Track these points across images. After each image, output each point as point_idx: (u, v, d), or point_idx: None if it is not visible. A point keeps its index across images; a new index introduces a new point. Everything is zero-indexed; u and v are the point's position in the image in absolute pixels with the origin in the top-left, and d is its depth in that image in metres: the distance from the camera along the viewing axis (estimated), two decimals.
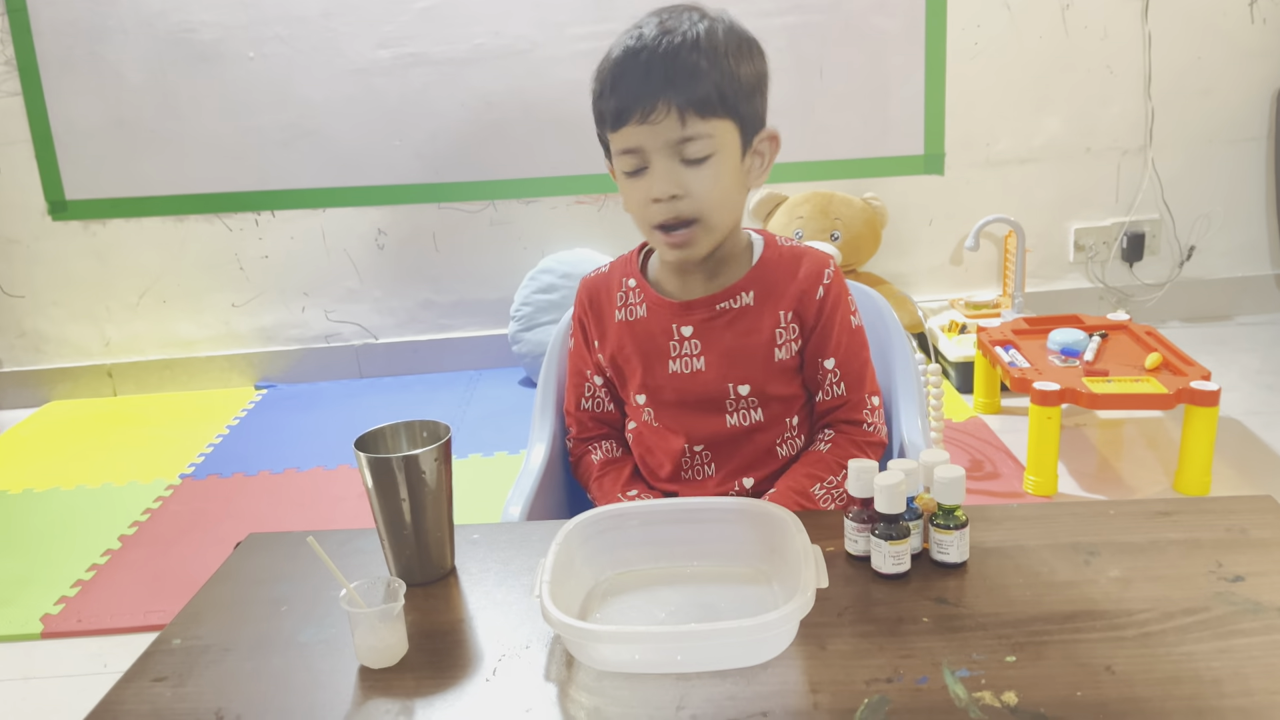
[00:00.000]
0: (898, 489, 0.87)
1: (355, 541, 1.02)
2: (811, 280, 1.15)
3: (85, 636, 1.90)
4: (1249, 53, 2.99)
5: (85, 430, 2.95)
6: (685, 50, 1.04)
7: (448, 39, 2.93)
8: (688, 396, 1.17)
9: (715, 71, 1.05)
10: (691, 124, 1.04)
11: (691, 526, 0.94)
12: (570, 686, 0.78)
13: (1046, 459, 2.15)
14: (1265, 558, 0.89)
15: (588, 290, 1.25)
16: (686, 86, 1.04)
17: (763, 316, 1.15)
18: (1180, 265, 3.16)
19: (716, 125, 1.06)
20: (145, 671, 0.83)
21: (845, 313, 1.17)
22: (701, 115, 1.05)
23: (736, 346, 1.15)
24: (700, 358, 1.16)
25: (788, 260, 1.16)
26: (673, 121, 1.04)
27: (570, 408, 1.28)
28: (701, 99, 1.04)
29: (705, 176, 1.07)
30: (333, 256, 3.10)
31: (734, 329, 1.15)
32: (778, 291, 1.15)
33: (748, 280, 1.15)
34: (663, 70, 1.04)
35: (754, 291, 1.15)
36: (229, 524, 2.28)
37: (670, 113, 1.04)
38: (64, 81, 2.94)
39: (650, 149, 1.06)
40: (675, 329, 1.16)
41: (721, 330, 1.15)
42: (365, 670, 0.81)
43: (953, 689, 0.74)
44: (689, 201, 1.07)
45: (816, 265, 1.16)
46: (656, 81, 1.04)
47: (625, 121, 1.06)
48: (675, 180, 1.06)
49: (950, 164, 3.05)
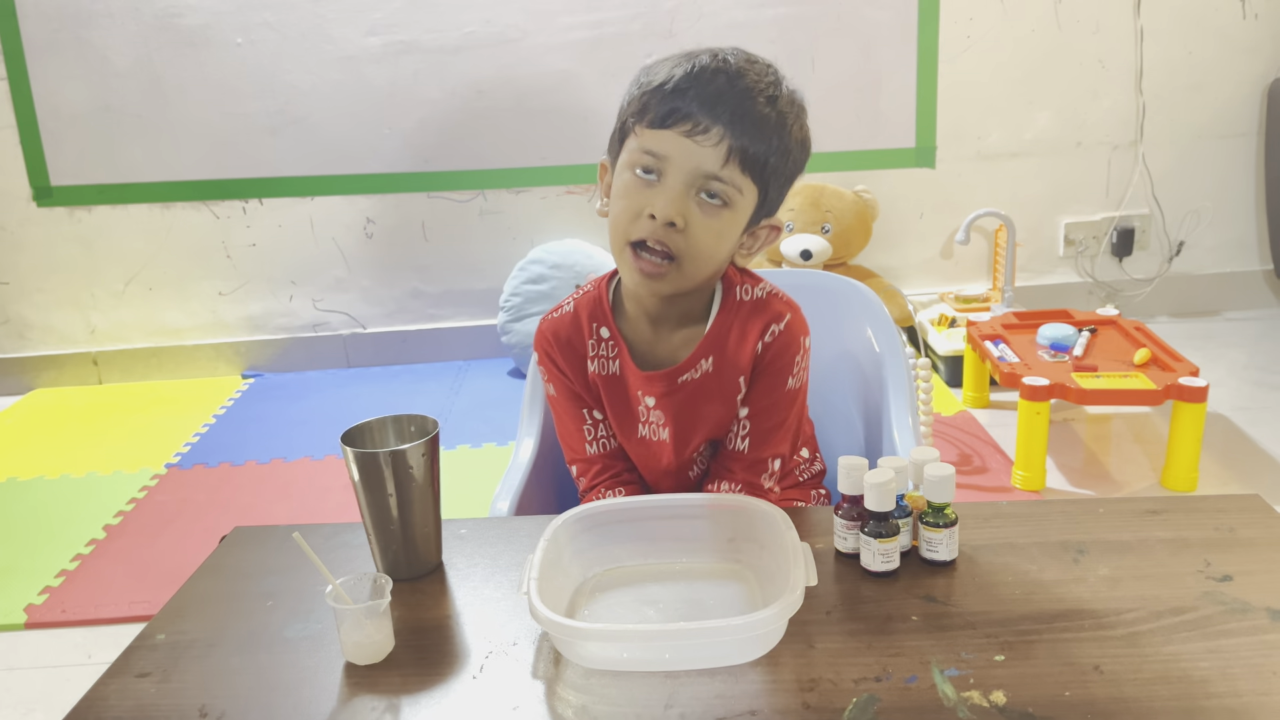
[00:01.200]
0: (887, 487, 0.87)
1: (342, 536, 1.01)
2: (759, 333, 1.07)
3: (69, 627, 1.89)
4: (1240, 48, 2.99)
5: (70, 419, 2.92)
6: (767, 99, 1.00)
7: (438, 27, 2.90)
8: (653, 461, 1.14)
9: (776, 138, 1.00)
10: (729, 169, 0.99)
11: (680, 523, 0.94)
12: (558, 684, 0.77)
13: (1035, 454, 2.15)
14: (1253, 557, 0.89)
15: (555, 336, 1.14)
16: (750, 132, 0.98)
17: (722, 382, 1.08)
18: (1169, 260, 3.17)
19: (746, 184, 1.00)
20: (129, 667, 0.82)
21: (781, 370, 1.08)
22: (742, 167, 0.99)
23: (698, 415, 1.10)
24: (665, 428, 1.11)
25: (745, 317, 1.08)
26: (716, 155, 0.98)
27: (577, 458, 1.17)
28: (753, 152, 0.99)
29: (710, 223, 1.00)
30: (321, 245, 3.08)
31: (694, 398, 1.09)
32: (734, 355, 1.08)
33: (705, 345, 1.08)
34: (740, 103, 0.98)
35: (712, 357, 1.08)
36: (215, 514, 2.27)
37: (720, 145, 0.98)
38: (49, 66, 2.91)
39: (677, 166, 0.98)
40: (641, 396, 1.11)
41: (682, 402, 1.09)
42: (351, 667, 0.81)
43: (941, 688, 0.74)
44: (680, 239, 0.99)
45: (769, 318, 1.08)
46: (728, 108, 0.98)
47: (670, 125, 0.99)
48: (684, 211, 0.99)
49: (941, 157, 3.05)
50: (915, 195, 3.08)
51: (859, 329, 1.35)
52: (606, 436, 1.16)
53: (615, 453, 1.16)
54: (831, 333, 1.35)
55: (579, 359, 1.13)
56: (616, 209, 1.03)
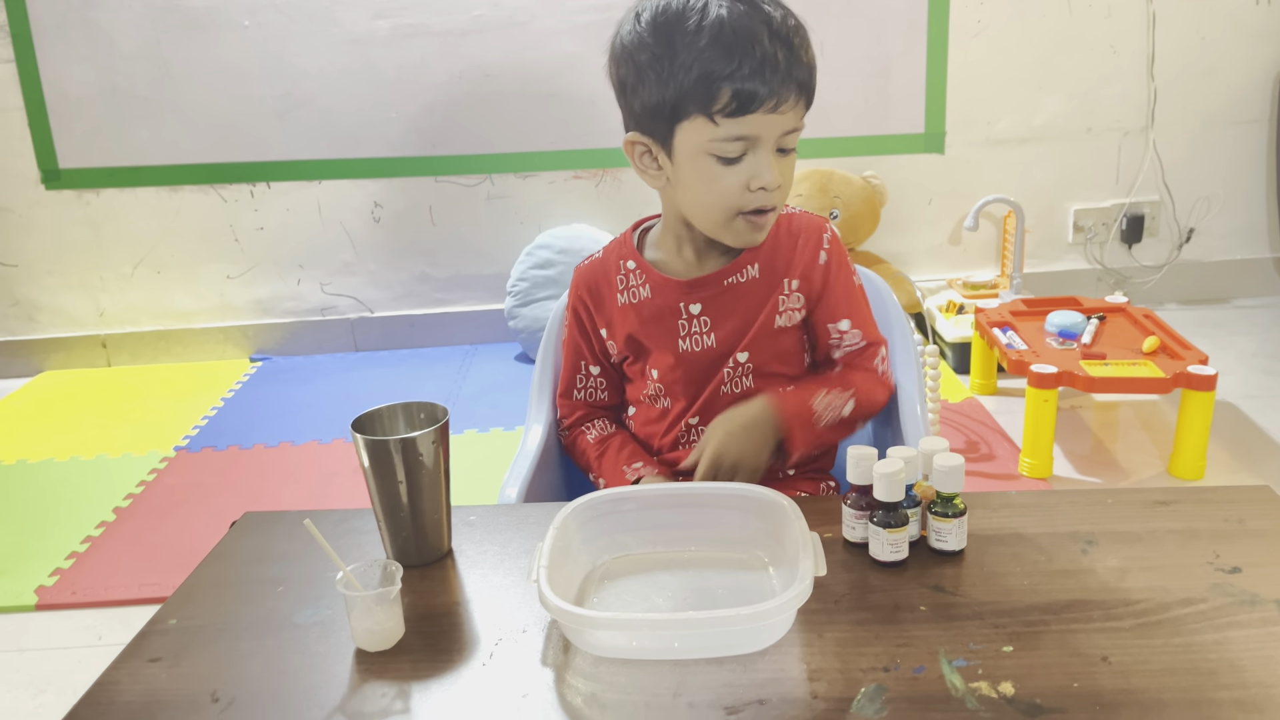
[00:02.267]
0: (897, 477, 0.87)
1: (351, 522, 1.02)
2: (813, 247, 1.15)
3: (79, 609, 1.90)
4: (1253, 34, 2.97)
5: (79, 401, 2.94)
6: (803, 33, 1.04)
7: (446, 10, 2.89)
8: (693, 372, 1.18)
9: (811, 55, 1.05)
10: (802, 116, 1.05)
11: (690, 511, 0.94)
12: (567, 672, 0.78)
13: (1042, 442, 2.15)
14: (1263, 549, 0.89)
15: (584, 279, 1.23)
16: (809, 75, 1.04)
17: (768, 286, 1.15)
18: (1179, 247, 3.16)
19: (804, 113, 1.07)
20: (140, 652, 0.83)
21: (848, 274, 1.18)
22: (809, 105, 1.05)
23: (745, 319, 1.15)
24: (711, 334, 1.16)
25: (783, 228, 1.16)
26: (799, 112, 1.04)
27: (562, 394, 1.28)
28: (812, 89, 1.05)
29: (789, 165, 1.08)
30: (328, 229, 3.08)
31: (742, 302, 1.15)
32: (781, 261, 1.15)
33: (750, 253, 1.15)
34: (791, 55, 1.02)
35: (759, 264, 1.15)
36: (224, 498, 2.28)
37: (799, 104, 1.04)
38: (57, 48, 2.91)
39: (765, 138, 1.03)
40: (684, 308, 1.16)
41: (726, 306, 1.15)
42: (361, 653, 0.81)
43: (949, 679, 0.74)
44: (780, 191, 1.07)
45: (815, 232, 1.16)
46: (788, 67, 1.01)
47: (753, 108, 1.01)
48: (779, 170, 1.06)
49: (951, 143, 3.04)
50: (924, 181, 3.07)
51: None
52: (594, 389, 1.26)
53: (599, 404, 1.27)
54: None
55: (609, 292, 1.20)
56: (711, 193, 1.06)
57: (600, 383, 1.26)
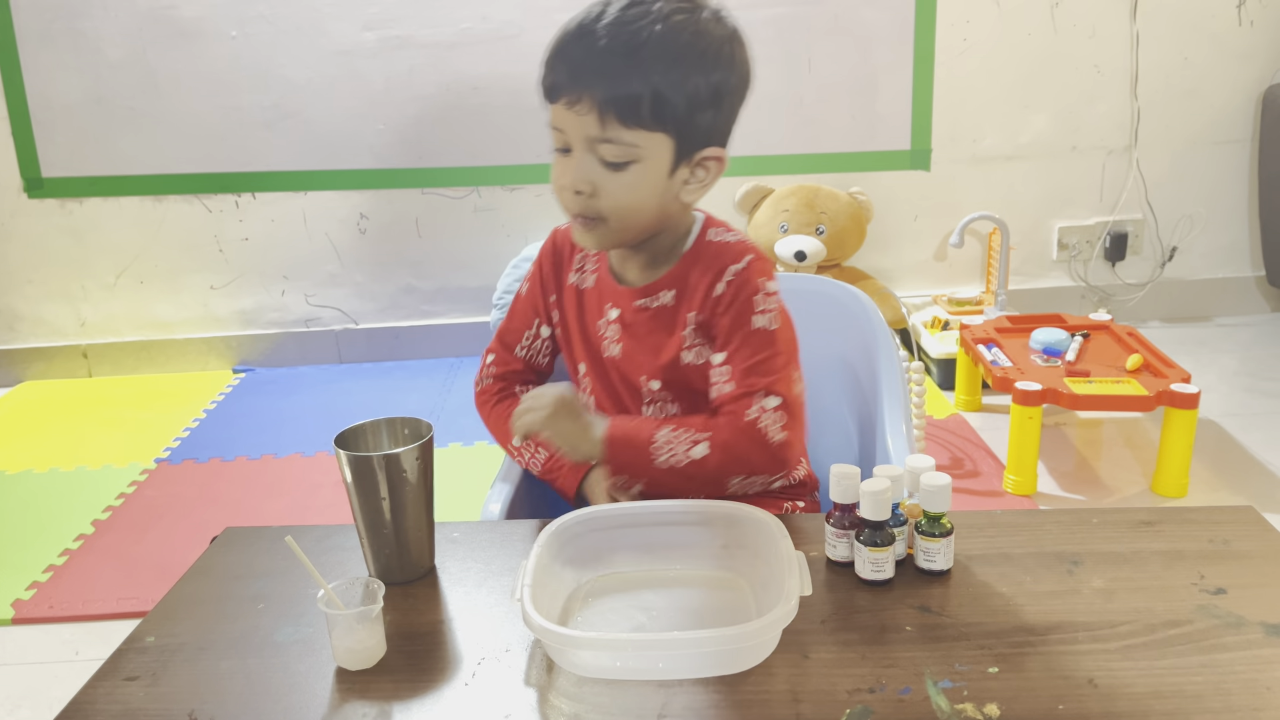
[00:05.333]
0: (883, 495, 0.86)
1: (334, 538, 1.01)
2: (713, 278, 1.07)
3: (57, 623, 1.87)
4: (1236, 55, 3.00)
5: (59, 412, 2.91)
6: (628, 51, 0.97)
7: (434, 22, 2.89)
8: (608, 381, 1.16)
9: (656, 80, 0.98)
10: (611, 128, 0.99)
11: (675, 530, 0.93)
12: (550, 692, 0.77)
13: (1027, 458, 2.15)
14: (1247, 570, 0.89)
15: (554, 241, 1.22)
16: (615, 89, 0.98)
17: (677, 317, 1.09)
18: (1162, 265, 3.18)
19: (642, 136, 1.00)
20: (117, 670, 0.82)
21: (746, 310, 1.05)
22: (624, 123, 0.99)
23: (647, 344, 1.11)
24: (618, 343, 1.13)
25: (709, 256, 1.09)
26: (593, 120, 0.99)
27: (503, 344, 1.23)
28: (627, 107, 0.98)
29: (620, 182, 1.01)
30: (314, 240, 3.07)
31: (648, 327, 1.11)
32: (689, 292, 1.09)
33: (668, 279, 1.10)
34: (598, 65, 0.98)
35: (674, 290, 1.10)
36: (205, 511, 2.26)
37: (592, 110, 0.98)
38: (42, 57, 2.89)
39: (573, 136, 1.01)
40: (605, 309, 1.14)
41: (637, 326, 1.12)
42: (342, 672, 0.80)
43: (935, 700, 0.74)
44: (596, 202, 1.02)
45: (722, 261, 1.07)
46: (588, 74, 0.98)
47: (554, 100, 1.02)
48: (588, 177, 1.01)
49: (936, 160, 3.05)
50: (910, 197, 3.08)
51: (853, 334, 1.34)
52: (539, 351, 1.22)
53: (538, 368, 1.23)
54: (826, 338, 1.35)
55: (566, 265, 1.19)
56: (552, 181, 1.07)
57: (547, 346, 1.22)
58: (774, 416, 1.03)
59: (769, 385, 1.04)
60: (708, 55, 1.01)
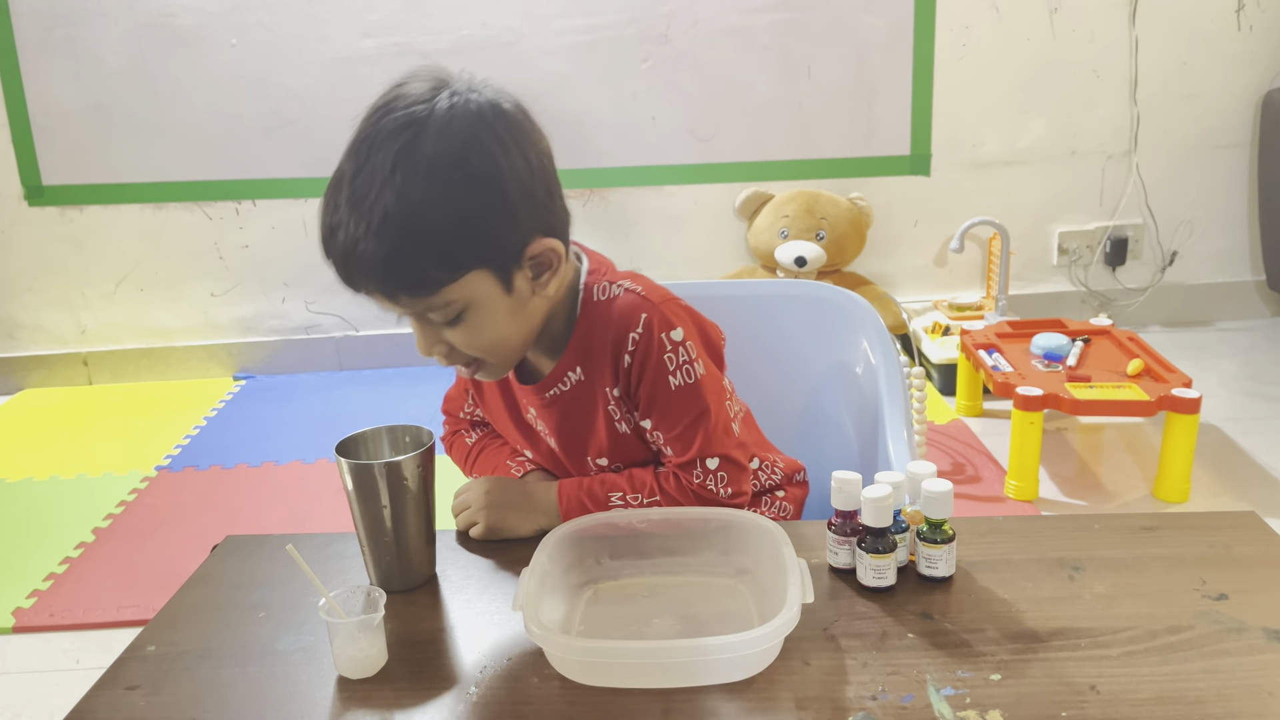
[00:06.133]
0: (885, 502, 0.86)
1: (334, 546, 1.00)
2: (619, 348, 1.00)
3: (57, 631, 1.87)
4: (1235, 59, 3.00)
5: (60, 420, 2.91)
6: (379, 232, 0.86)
7: (433, 29, 2.90)
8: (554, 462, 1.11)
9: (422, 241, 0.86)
10: (415, 304, 0.90)
11: (677, 537, 0.93)
12: (552, 700, 0.77)
13: (1028, 464, 2.15)
14: (1249, 575, 0.88)
15: None
16: (388, 280, 0.88)
17: (595, 391, 1.03)
18: (1162, 270, 3.18)
19: (449, 290, 0.89)
20: (118, 679, 0.81)
21: (656, 373, 1.00)
22: (421, 296, 0.89)
23: (578, 427, 1.05)
24: (551, 437, 1.08)
25: (600, 322, 1.01)
26: (392, 304, 0.91)
27: (448, 409, 1.22)
28: (413, 283, 0.88)
29: (465, 334, 0.93)
30: (314, 247, 3.03)
31: (570, 411, 1.05)
32: (598, 363, 1.02)
33: (570, 356, 1.02)
34: (358, 263, 0.88)
35: (580, 365, 1.03)
36: (205, 518, 2.26)
37: (385, 299, 0.90)
38: (41, 65, 2.90)
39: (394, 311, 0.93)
40: (524, 405, 1.09)
41: (560, 414, 1.05)
42: (344, 681, 0.80)
43: (938, 707, 0.74)
44: (459, 354, 0.96)
45: (622, 329, 0.99)
46: (358, 277, 0.89)
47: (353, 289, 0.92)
48: (434, 340, 0.94)
49: (936, 165, 3.05)
50: (910, 203, 3.08)
51: (854, 341, 1.34)
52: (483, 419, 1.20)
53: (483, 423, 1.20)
54: (826, 344, 1.35)
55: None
56: None
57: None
58: (716, 478, 1.02)
59: (702, 449, 1.01)
60: (464, 166, 0.87)
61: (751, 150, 2.96)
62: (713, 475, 1.02)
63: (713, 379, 1.04)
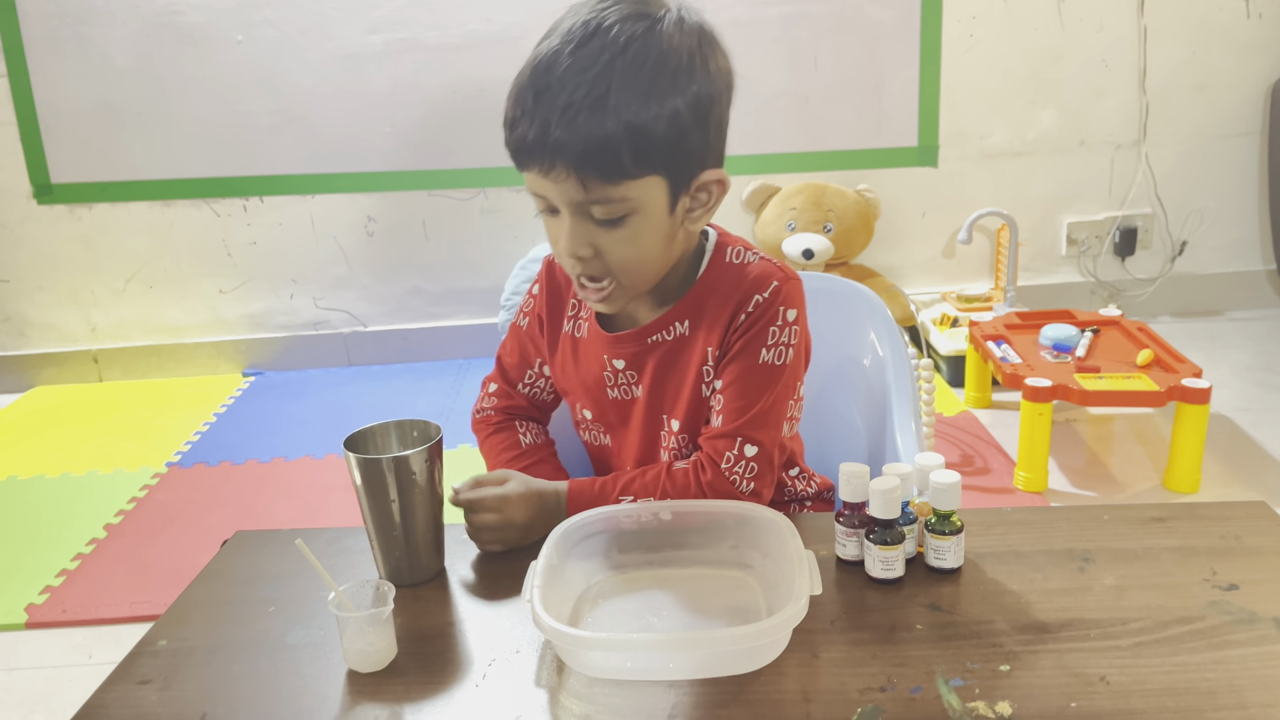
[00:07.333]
0: (893, 494, 0.86)
1: (344, 540, 1.01)
2: (740, 306, 1.00)
3: (70, 627, 1.88)
4: (1244, 48, 2.98)
5: (71, 417, 2.92)
6: (594, 102, 0.87)
7: (439, 25, 2.90)
8: (626, 421, 1.10)
9: (632, 123, 0.88)
10: (596, 189, 0.90)
11: (685, 530, 0.93)
12: (561, 693, 0.77)
13: (1037, 455, 2.15)
14: (1259, 566, 0.88)
15: (550, 278, 1.13)
16: (589, 149, 0.88)
17: (695, 347, 1.03)
18: (1172, 260, 3.17)
19: (632, 186, 0.91)
20: (130, 674, 0.82)
21: (755, 340, 1.00)
22: (609, 180, 0.89)
23: (668, 379, 1.05)
24: (638, 386, 1.07)
25: (729, 281, 1.01)
26: (574, 184, 0.90)
27: (508, 379, 1.18)
28: (608, 163, 0.88)
29: (620, 239, 0.93)
30: (322, 243, 3.08)
31: (665, 362, 1.04)
32: (712, 319, 1.01)
33: (682, 307, 1.03)
34: (564, 124, 0.87)
35: (689, 320, 1.03)
36: (216, 514, 2.27)
37: (570, 175, 0.89)
38: (50, 63, 2.90)
39: (558, 201, 0.92)
40: (609, 361, 1.07)
41: (654, 363, 1.05)
42: (353, 674, 0.80)
43: (946, 699, 0.74)
44: (600, 262, 0.95)
45: (751, 289, 1.00)
46: (555, 137, 0.88)
47: (526, 167, 0.92)
48: (585, 240, 0.94)
49: (944, 156, 3.04)
50: (918, 194, 3.07)
51: (863, 333, 1.34)
52: (542, 390, 1.17)
53: (541, 405, 1.18)
54: (835, 336, 1.34)
55: (560, 311, 1.13)
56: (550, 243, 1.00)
57: (549, 384, 1.17)
58: (747, 466, 1.00)
59: (752, 432, 1.00)
60: (680, 74, 0.90)
61: (759, 142, 2.96)
62: (745, 462, 1.00)
63: (795, 374, 1.04)
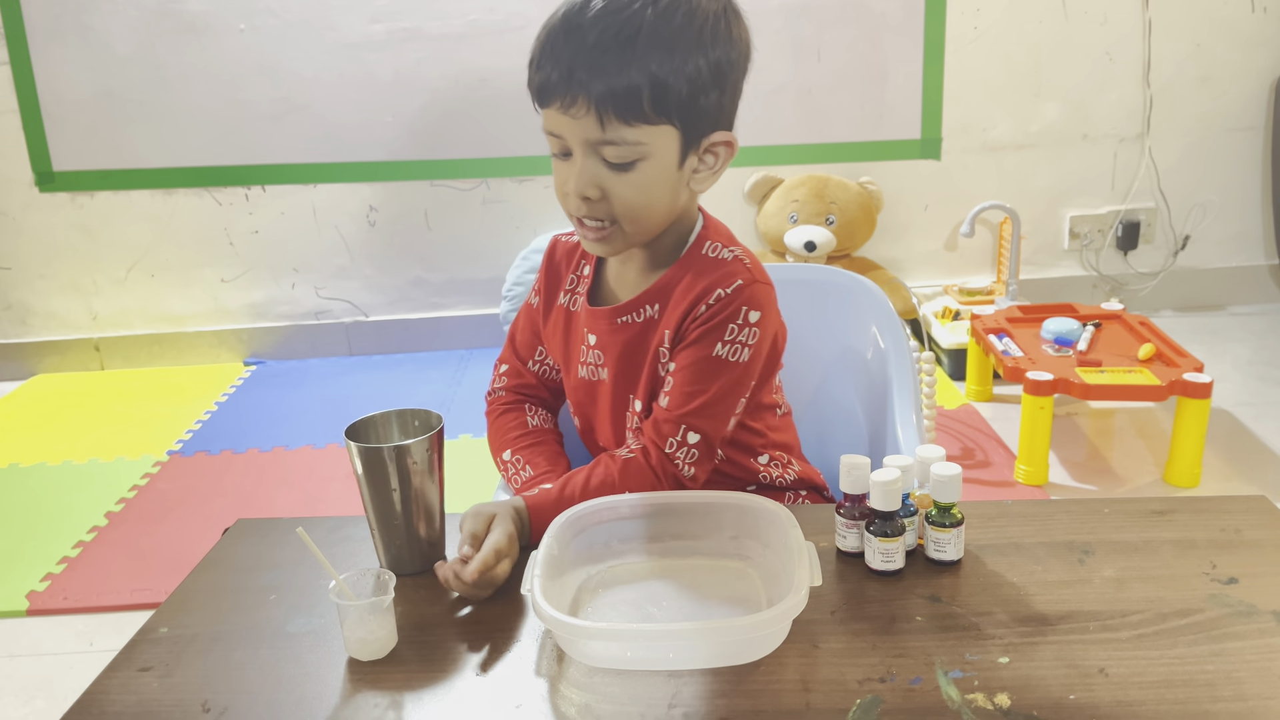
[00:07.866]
0: (893, 486, 0.86)
1: (345, 529, 1.01)
2: (702, 296, 1.01)
3: (71, 614, 1.89)
4: (1249, 41, 2.98)
5: (72, 405, 2.92)
6: (621, 43, 0.92)
7: (442, 14, 2.89)
8: (594, 403, 1.11)
9: (654, 69, 0.92)
10: (613, 128, 0.94)
11: (685, 520, 0.93)
12: (561, 682, 0.77)
13: (1038, 449, 2.15)
14: (1259, 559, 0.88)
15: (552, 255, 1.17)
16: (611, 87, 0.92)
17: (658, 330, 1.05)
18: (1175, 254, 3.16)
19: (646, 131, 0.95)
20: (131, 661, 0.82)
21: (710, 334, 1.01)
22: (625, 120, 0.93)
23: (633, 361, 1.07)
24: (604, 368, 1.09)
25: (698, 272, 1.03)
26: (592, 121, 0.93)
27: (519, 356, 1.20)
28: (627, 103, 0.93)
29: (628, 183, 0.97)
30: (323, 233, 3.08)
31: (632, 343, 1.06)
32: (675, 304, 1.03)
33: (652, 291, 1.05)
34: (588, 62, 0.92)
35: (659, 304, 1.05)
36: (217, 503, 2.27)
37: (590, 112, 0.93)
38: (52, 51, 2.90)
39: (571, 140, 0.96)
40: (585, 334, 1.10)
41: (624, 344, 1.07)
42: (354, 663, 0.80)
43: (945, 690, 0.74)
44: (606, 205, 0.98)
45: (715, 283, 1.01)
46: (579, 73, 0.92)
47: (547, 103, 0.96)
48: (594, 181, 0.97)
49: (947, 149, 3.04)
50: (920, 187, 3.07)
51: (864, 325, 1.34)
52: (551, 368, 1.19)
53: (550, 384, 1.19)
54: (836, 328, 1.35)
55: (557, 286, 1.15)
56: (555, 186, 1.02)
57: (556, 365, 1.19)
58: (689, 452, 1.02)
59: (696, 420, 1.01)
60: (705, 33, 0.95)
61: (761, 134, 2.95)
62: (686, 448, 1.02)
63: (749, 373, 1.04)
